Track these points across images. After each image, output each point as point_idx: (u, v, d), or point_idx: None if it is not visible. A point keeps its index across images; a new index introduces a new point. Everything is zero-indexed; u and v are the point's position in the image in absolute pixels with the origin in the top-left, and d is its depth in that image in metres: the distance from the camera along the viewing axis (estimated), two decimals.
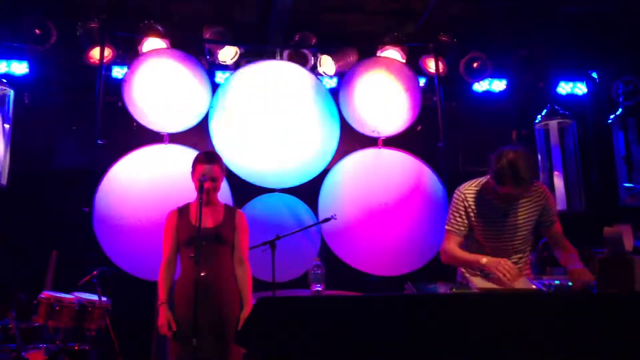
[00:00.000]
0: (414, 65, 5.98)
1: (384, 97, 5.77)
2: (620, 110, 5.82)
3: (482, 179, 3.37)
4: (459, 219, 3.35)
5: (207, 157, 3.71)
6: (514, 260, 3.29)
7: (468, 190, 3.37)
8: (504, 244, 3.33)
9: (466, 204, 3.34)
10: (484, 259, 3.09)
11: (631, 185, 5.53)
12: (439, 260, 3.50)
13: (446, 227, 3.42)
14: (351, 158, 5.69)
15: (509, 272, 2.93)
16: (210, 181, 3.61)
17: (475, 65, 6.01)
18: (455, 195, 3.41)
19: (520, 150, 3.15)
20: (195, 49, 5.74)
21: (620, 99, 5.85)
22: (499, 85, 6.32)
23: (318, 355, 2.46)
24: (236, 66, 5.78)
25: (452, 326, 2.51)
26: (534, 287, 2.83)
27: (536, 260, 3.91)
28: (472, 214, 3.33)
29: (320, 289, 3.23)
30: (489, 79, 6.23)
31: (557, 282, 2.82)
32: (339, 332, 2.48)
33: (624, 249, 2.66)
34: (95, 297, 4.44)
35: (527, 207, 3.32)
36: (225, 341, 3.53)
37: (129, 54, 5.64)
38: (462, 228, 3.35)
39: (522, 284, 2.91)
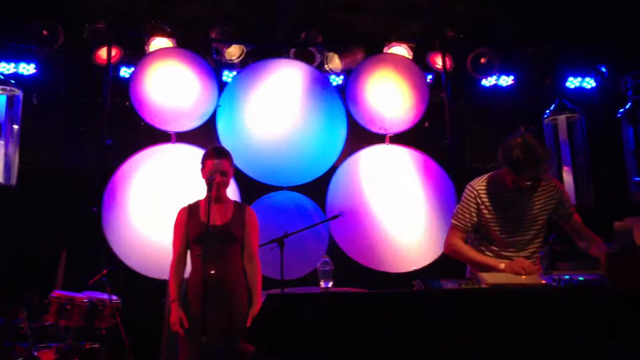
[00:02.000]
0: (421, 62, 5.97)
1: (391, 94, 5.76)
2: (629, 104, 5.78)
3: (495, 173, 3.35)
4: (467, 215, 3.34)
5: (217, 152, 3.72)
6: (526, 255, 3.29)
7: (481, 185, 3.34)
8: (517, 238, 3.31)
9: (479, 201, 3.31)
10: (502, 265, 3.12)
11: None
12: (448, 256, 3.49)
13: (453, 221, 3.41)
14: (359, 155, 5.69)
15: (526, 269, 3.00)
16: (220, 175, 3.62)
17: (482, 60, 5.99)
18: (467, 190, 3.38)
19: (525, 134, 3.16)
20: (202, 48, 5.75)
21: (629, 93, 5.81)
22: (506, 80, 6.28)
23: (327, 352, 2.46)
24: (243, 65, 5.79)
25: (462, 322, 2.50)
26: (543, 282, 2.82)
27: (547, 255, 3.88)
28: (485, 210, 3.30)
29: (329, 286, 3.22)
30: (497, 74, 6.19)
31: (567, 277, 2.80)
32: (348, 329, 2.48)
33: (634, 243, 2.64)
34: (105, 296, 4.46)
35: (541, 201, 3.30)
36: (235, 338, 3.53)
37: (136, 54, 5.66)
38: (469, 224, 3.34)
39: (531, 279, 2.90)
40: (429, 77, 6.06)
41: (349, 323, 2.48)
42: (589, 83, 6.35)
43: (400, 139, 5.78)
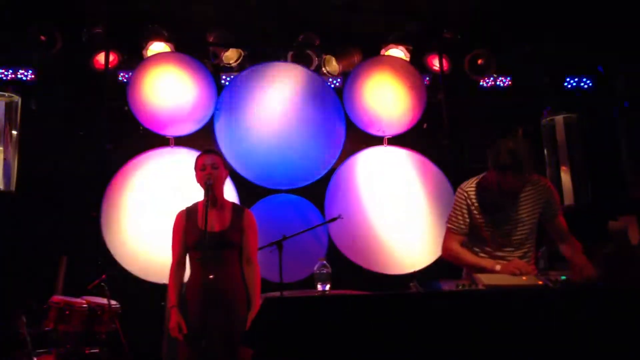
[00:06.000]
0: (418, 63, 5.98)
1: (388, 96, 5.77)
2: (626, 104, 5.78)
3: (483, 175, 3.38)
4: (460, 217, 3.36)
5: (205, 151, 3.79)
6: (520, 255, 3.32)
7: (470, 187, 3.38)
8: (510, 238, 3.33)
9: (469, 202, 3.35)
10: (498, 266, 3.14)
11: None
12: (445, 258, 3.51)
13: (447, 225, 3.45)
14: (357, 157, 5.70)
15: (521, 269, 3.02)
16: (211, 168, 3.63)
17: (479, 61, 5.99)
18: (457, 193, 3.43)
19: (518, 138, 3.18)
20: (200, 52, 5.76)
21: (626, 93, 5.82)
22: (504, 81, 6.28)
23: (325, 354, 2.46)
24: (240, 68, 5.80)
25: (459, 323, 2.50)
26: (540, 282, 2.82)
27: (544, 255, 3.89)
28: (475, 211, 3.33)
29: (326, 288, 3.22)
30: (494, 75, 6.20)
31: (563, 277, 2.81)
32: (346, 331, 2.48)
33: (629, 242, 2.65)
34: (104, 301, 4.47)
35: (531, 201, 3.33)
36: (234, 342, 3.52)
37: (134, 58, 5.67)
38: (464, 226, 3.37)
39: (528, 279, 2.91)
40: (427, 78, 6.06)
41: (347, 326, 2.49)
42: (587, 83, 6.35)
43: (398, 140, 5.79)
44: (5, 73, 5.64)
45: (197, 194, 3.74)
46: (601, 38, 5.89)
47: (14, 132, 5.15)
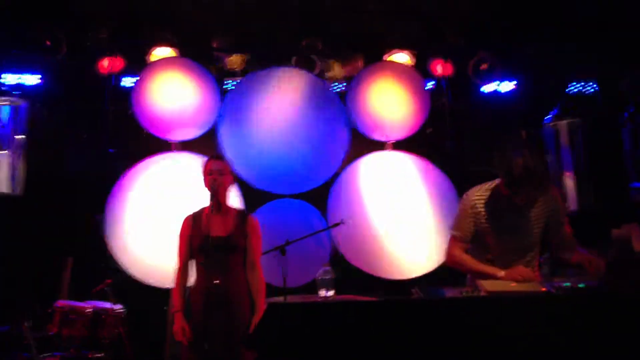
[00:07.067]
0: (422, 68, 5.98)
1: (392, 101, 5.77)
2: (631, 109, 5.77)
3: (491, 183, 3.35)
4: (464, 224, 3.35)
5: (213, 156, 3.86)
6: (525, 262, 3.30)
7: (477, 195, 3.34)
8: (515, 245, 3.32)
9: (475, 210, 3.32)
10: (501, 273, 3.12)
11: None
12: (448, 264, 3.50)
13: (452, 232, 3.42)
14: (360, 162, 5.70)
15: (524, 276, 3.01)
16: (217, 174, 3.65)
17: (483, 66, 5.99)
18: (463, 200, 3.40)
19: (528, 150, 3.14)
20: (204, 57, 5.78)
21: (631, 97, 5.80)
22: (507, 85, 6.27)
23: None
24: (244, 73, 5.81)
25: (461, 330, 2.50)
26: (543, 289, 2.81)
27: (547, 262, 3.89)
28: (482, 219, 3.31)
29: (328, 294, 3.23)
30: (498, 79, 6.19)
31: (567, 284, 2.80)
32: (349, 337, 2.48)
33: (632, 250, 2.64)
34: (109, 305, 4.48)
35: (540, 208, 3.31)
36: (238, 347, 3.54)
37: (139, 63, 5.69)
38: (468, 234, 3.35)
39: (531, 286, 2.90)
40: (431, 83, 6.06)
41: (350, 331, 2.49)
42: (590, 87, 6.34)
43: (402, 145, 5.79)
44: (12, 78, 5.65)
45: (201, 199, 3.75)
46: (606, 41, 5.88)
47: (21, 137, 5.17)
